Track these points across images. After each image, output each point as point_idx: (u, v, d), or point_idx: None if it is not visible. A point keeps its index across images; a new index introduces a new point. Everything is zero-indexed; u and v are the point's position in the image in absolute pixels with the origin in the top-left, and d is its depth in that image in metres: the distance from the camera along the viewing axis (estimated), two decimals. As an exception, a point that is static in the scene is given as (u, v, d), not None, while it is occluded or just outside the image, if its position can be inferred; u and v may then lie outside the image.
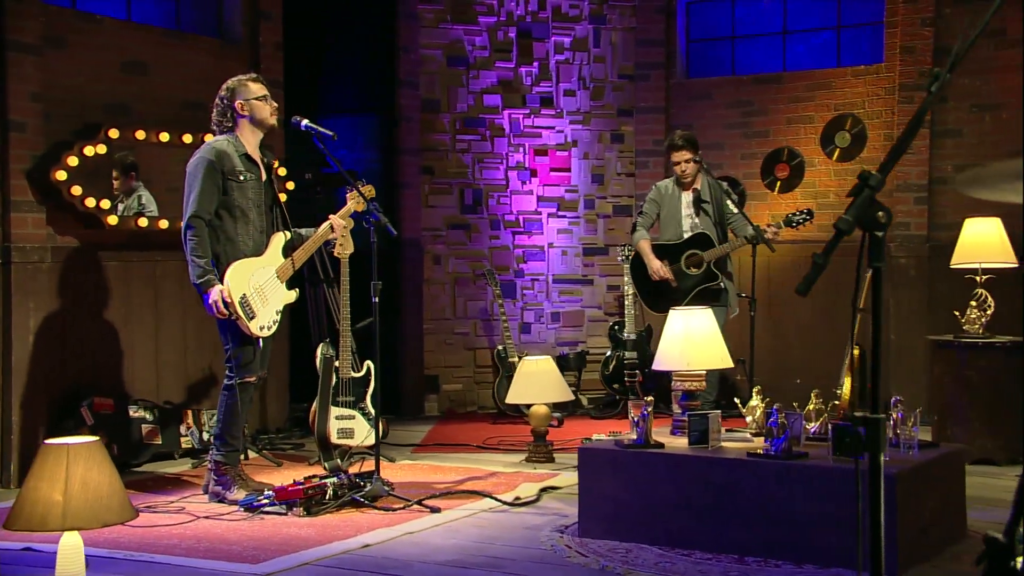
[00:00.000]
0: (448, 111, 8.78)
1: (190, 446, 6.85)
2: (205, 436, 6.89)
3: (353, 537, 4.80)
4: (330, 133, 5.61)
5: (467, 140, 8.82)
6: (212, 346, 7.24)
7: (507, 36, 8.90)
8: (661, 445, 4.71)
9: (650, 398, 4.88)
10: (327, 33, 8.36)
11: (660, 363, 5.09)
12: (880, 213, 2.20)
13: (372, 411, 6.49)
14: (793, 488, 4.30)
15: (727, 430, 4.94)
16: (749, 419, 5.01)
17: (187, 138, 6.87)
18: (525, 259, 8.95)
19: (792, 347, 8.45)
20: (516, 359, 8.27)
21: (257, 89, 5.63)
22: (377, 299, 5.51)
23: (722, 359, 5.02)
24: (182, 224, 5.51)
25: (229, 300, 5.38)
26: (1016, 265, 6.66)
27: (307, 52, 8.03)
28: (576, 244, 9.05)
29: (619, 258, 8.58)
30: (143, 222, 6.70)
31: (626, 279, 8.41)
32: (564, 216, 9.02)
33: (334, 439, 6.39)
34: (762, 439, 4.72)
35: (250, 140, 5.66)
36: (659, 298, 7.61)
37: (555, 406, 7.02)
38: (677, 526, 4.53)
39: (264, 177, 5.73)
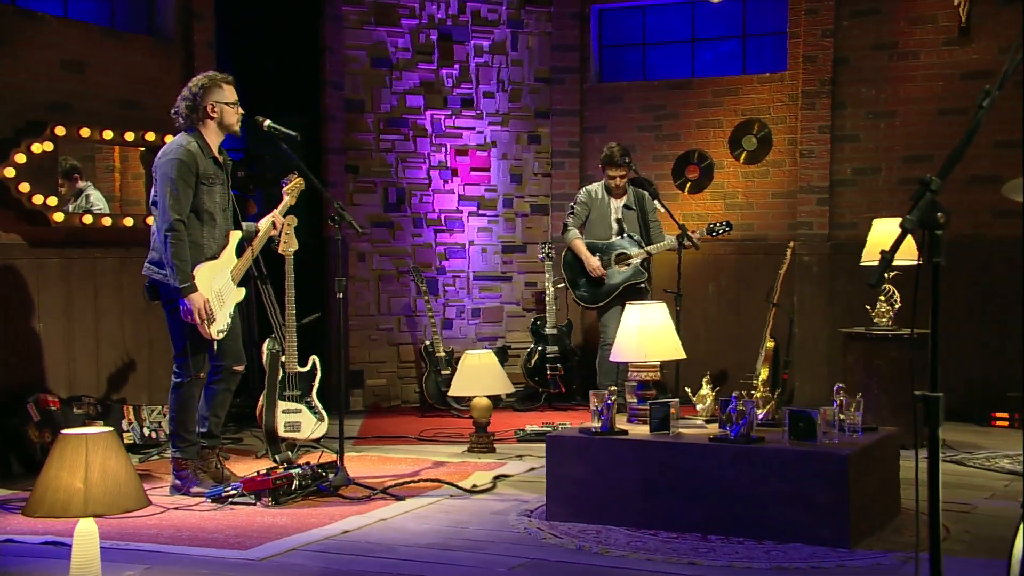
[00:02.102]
0: (372, 111, 8.96)
1: (132, 441, 6.90)
2: (146, 431, 6.96)
3: (329, 524, 4.99)
4: (294, 134, 5.77)
5: (390, 140, 9.03)
6: (149, 342, 7.32)
7: (428, 39, 9.13)
8: (625, 432, 5.03)
9: (613, 388, 5.19)
10: (254, 33, 8.45)
11: (618, 355, 5.40)
12: (939, 214, 2.49)
13: (318, 405, 6.68)
14: (752, 470, 4.67)
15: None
16: (700, 407, 5.37)
17: (129, 136, 6.92)
18: (447, 256, 9.21)
19: (700, 340, 8.87)
20: (443, 354, 8.53)
21: (230, 94, 5.68)
22: (341, 295, 5.70)
23: (676, 351, 5.36)
24: (157, 225, 5.53)
25: (211, 309, 5.50)
26: (919, 263, 7.17)
27: (234, 51, 8.10)
28: (495, 242, 9.35)
29: (539, 256, 8.93)
30: (88, 219, 6.74)
31: (546, 276, 8.75)
32: (484, 215, 9.30)
33: (281, 432, 6.54)
34: (714, 426, 5.09)
35: (214, 141, 5.70)
36: (590, 293, 8.01)
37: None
38: (642, 508, 4.86)
39: (226, 179, 5.83)
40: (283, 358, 6.61)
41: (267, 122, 5.78)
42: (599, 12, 9.54)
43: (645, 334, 5.29)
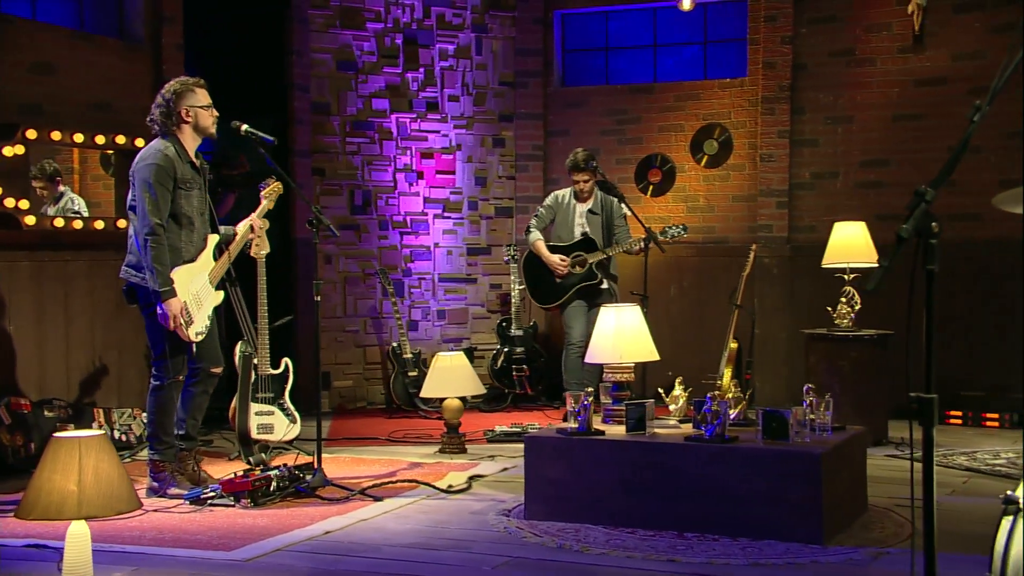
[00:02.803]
0: (338, 114, 9.01)
1: (103, 444, 6.89)
2: (117, 434, 6.97)
3: (311, 525, 5.06)
4: (271, 138, 5.83)
5: (356, 143, 9.08)
6: (119, 345, 7.33)
7: (394, 42, 9.20)
8: (602, 432, 5.14)
9: (590, 388, 5.30)
10: (222, 36, 8.47)
11: (593, 356, 5.51)
12: (934, 224, 2.60)
13: (291, 407, 6.73)
14: (727, 469, 4.80)
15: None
16: (673, 408, 5.50)
17: (100, 139, 6.93)
18: (412, 259, 9.28)
19: (663, 341, 8.97)
20: (410, 355, 8.61)
21: (203, 97, 5.73)
22: (319, 298, 5.76)
23: (650, 353, 5.48)
24: (136, 230, 5.55)
25: (189, 312, 5.54)
26: (878, 265, 7.36)
27: (202, 54, 8.12)
28: (460, 244, 9.44)
29: (504, 258, 9.03)
30: (59, 222, 6.74)
31: (512, 278, 8.86)
32: (449, 217, 9.39)
33: (254, 434, 6.59)
34: (688, 426, 5.22)
35: (190, 145, 5.74)
36: (546, 293, 8.13)
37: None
38: (620, 507, 4.97)
39: (203, 183, 5.87)
40: (255, 360, 6.65)
41: (244, 127, 5.84)
42: (562, 17, 9.66)
43: (620, 336, 5.40)
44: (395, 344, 8.71)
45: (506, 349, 8.82)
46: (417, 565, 4.44)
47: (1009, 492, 2.85)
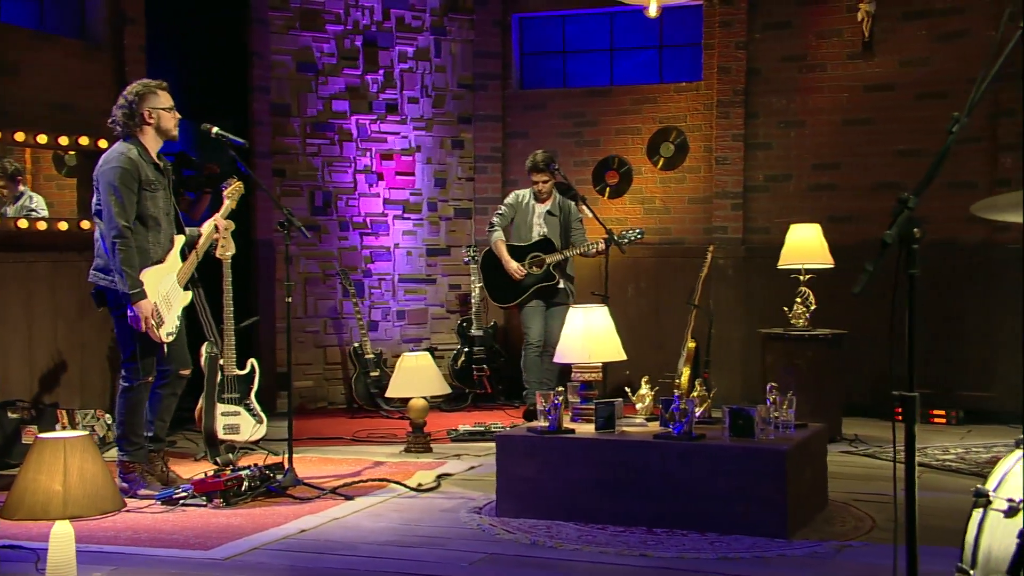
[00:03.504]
0: (298, 115, 9.05)
1: (66, 446, 6.88)
2: (80, 436, 6.96)
3: (285, 524, 5.12)
4: (241, 141, 5.88)
5: (316, 144, 9.12)
6: (81, 347, 7.32)
7: (354, 44, 9.25)
8: (572, 431, 5.25)
9: (560, 388, 5.41)
10: (183, 38, 8.47)
11: (562, 356, 5.62)
12: (916, 230, 2.73)
13: (257, 407, 6.78)
14: (695, 466, 4.93)
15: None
16: (639, 406, 5.62)
17: (63, 140, 6.92)
18: (372, 259, 9.34)
19: (622, 341, 9.09)
20: (372, 356, 8.67)
21: (166, 99, 5.75)
22: (290, 299, 5.82)
23: (617, 353, 5.60)
24: (104, 233, 5.57)
25: (160, 313, 5.57)
26: (832, 266, 7.56)
27: (164, 56, 8.13)
28: (420, 245, 9.51)
29: (464, 259, 9.13)
30: (23, 223, 6.72)
31: (472, 278, 8.96)
32: (409, 218, 9.46)
33: (221, 435, 6.63)
34: (655, 424, 5.35)
35: (152, 147, 5.75)
36: (503, 292, 8.24)
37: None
38: (590, 504, 5.09)
39: (167, 184, 5.90)
40: (221, 361, 6.69)
41: (215, 129, 5.88)
42: (520, 20, 9.77)
43: (589, 337, 5.51)
44: (357, 344, 8.77)
45: (466, 349, 8.91)
46: (395, 562, 4.52)
47: (979, 486, 2.99)
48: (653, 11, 7.06)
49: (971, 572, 2.92)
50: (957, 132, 2.72)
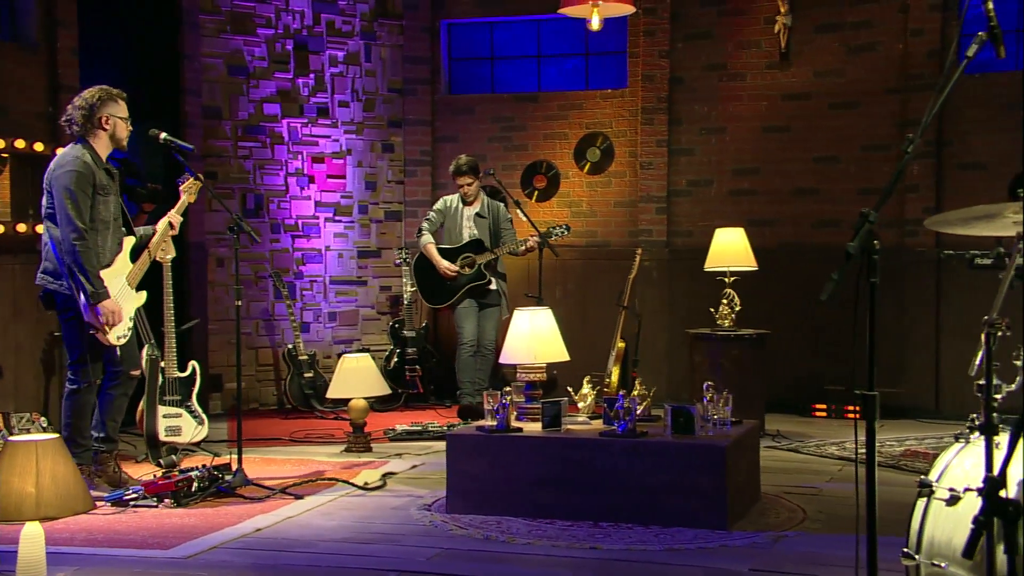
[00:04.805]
0: (229, 118, 9.10)
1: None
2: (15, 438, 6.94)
3: (240, 523, 5.22)
4: (189, 146, 5.96)
5: (248, 147, 9.19)
6: (16, 349, 7.29)
7: (284, 48, 9.33)
8: (520, 430, 5.45)
9: (508, 388, 5.60)
10: (114, 40, 8.45)
11: (508, 357, 5.80)
12: (875, 242, 2.96)
13: (198, 409, 6.84)
14: (640, 462, 5.16)
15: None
16: (582, 405, 5.84)
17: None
18: (304, 261, 9.43)
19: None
20: (305, 357, 8.76)
21: (124, 109, 5.82)
22: (240, 302, 5.91)
23: (561, 354, 5.81)
24: (63, 235, 5.59)
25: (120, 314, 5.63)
26: (756, 268, 7.87)
27: (95, 58, 8.11)
28: (351, 247, 9.63)
29: (396, 261, 9.27)
30: (-38, 227, 6.69)
31: (404, 280, 9.10)
32: (340, 221, 9.57)
33: (162, 437, 6.68)
34: (598, 422, 5.57)
35: (103, 152, 5.81)
36: (436, 294, 8.40)
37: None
38: (538, 499, 5.29)
39: (117, 188, 5.95)
40: (162, 364, 6.74)
41: (163, 134, 5.95)
42: (448, 26, 9.93)
43: (534, 338, 5.71)
44: (290, 346, 8.85)
45: (399, 350, 9.05)
46: (354, 559, 4.66)
47: (923, 477, 3.25)
48: (596, 24, 7.28)
49: (916, 557, 3.17)
50: (912, 152, 2.94)
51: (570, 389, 6.01)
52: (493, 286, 8.38)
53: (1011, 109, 8.18)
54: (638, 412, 5.58)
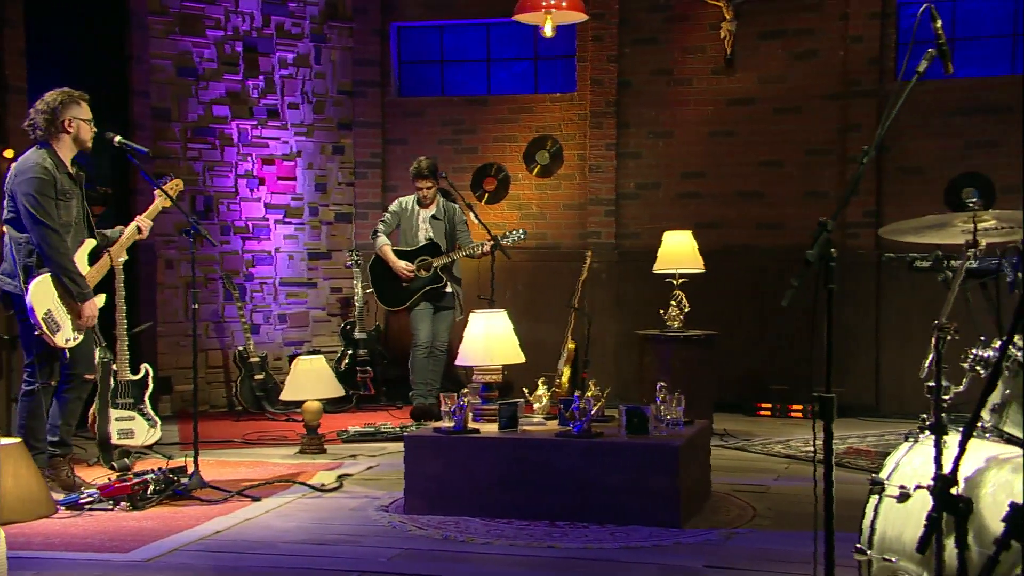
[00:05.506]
0: (179, 120, 9.08)
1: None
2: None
3: (198, 526, 5.23)
4: (144, 149, 5.97)
5: (197, 148, 9.17)
6: (-35, 353, 7.24)
7: (234, 50, 9.32)
8: (477, 431, 5.53)
9: (465, 389, 5.68)
10: (61, 41, 8.40)
11: (464, 359, 5.88)
12: (833, 250, 3.08)
13: (151, 412, 6.84)
14: (595, 461, 5.26)
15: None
16: (537, 406, 5.93)
17: (-50, 145, 6.85)
18: (254, 263, 9.44)
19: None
20: (256, 359, 8.77)
21: (87, 111, 5.83)
22: (196, 305, 5.93)
23: (516, 355, 5.89)
24: (37, 240, 5.61)
25: (55, 321, 5.64)
26: (704, 271, 8.01)
27: (42, 59, 8.05)
28: (301, 249, 9.65)
29: (347, 263, 9.30)
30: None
31: (355, 282, 9.13)
32: (290, 223, 9.58)
33: (115, 440, 6.67)
34: (553, 422, 5.67)
35: (67, 156, 5.82)
36: (392, 297, 8.45)
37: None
38: (496, 499, 5.37)
39: (80, 192, 5.94)
40: (114, 366, 6.72)
41: (118, 138, 5.95)
42: (398, 29, 9.98)
43: (490, 340, 5.79)
44: (241, 348, 8.86)
45: (350, 351, 9.09)
46: (315, 559, 4.71)
47: (874, 475, 3.38)
48: (549, 31, 7.38)
49: (868, 552, 3.30)
50: (866, 163, 3.06)
51: (525, 390, 6.10)
52: (449, 289, 8.44)
53: (946, 116, 8.47)
54: (593, 413, 5.69)
